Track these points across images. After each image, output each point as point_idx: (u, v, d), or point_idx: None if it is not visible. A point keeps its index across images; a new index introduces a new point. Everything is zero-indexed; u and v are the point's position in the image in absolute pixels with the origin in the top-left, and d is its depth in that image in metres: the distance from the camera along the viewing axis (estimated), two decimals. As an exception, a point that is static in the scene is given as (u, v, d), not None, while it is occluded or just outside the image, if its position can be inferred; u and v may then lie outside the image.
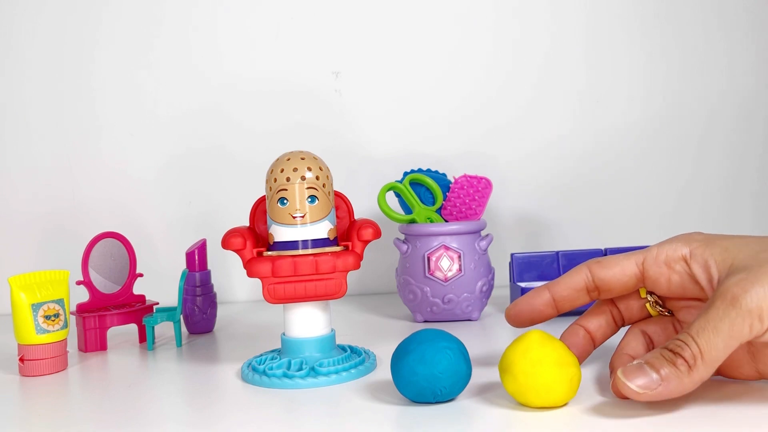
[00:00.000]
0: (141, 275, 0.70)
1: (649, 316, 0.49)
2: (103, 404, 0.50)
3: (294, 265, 0.51)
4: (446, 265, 0.69)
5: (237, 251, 0.53)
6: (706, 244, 0.45)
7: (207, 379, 0.55)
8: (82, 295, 0.67)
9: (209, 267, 0.73)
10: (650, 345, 0.48)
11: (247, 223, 0.56)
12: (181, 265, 0.73)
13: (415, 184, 0.74)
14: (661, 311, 0.48)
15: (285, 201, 0.52)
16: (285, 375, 0.51)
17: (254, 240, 0.54)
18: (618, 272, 0.47)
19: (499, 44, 0.92)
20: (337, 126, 0.91)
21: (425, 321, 0.72)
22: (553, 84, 0.92)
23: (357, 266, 0.53)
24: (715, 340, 0.39)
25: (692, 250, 0.45)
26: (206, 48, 0.90)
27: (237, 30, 0.90)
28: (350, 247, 0.54)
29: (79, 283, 0.66)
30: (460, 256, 0.69)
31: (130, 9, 0.89)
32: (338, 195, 0.56)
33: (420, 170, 0.75)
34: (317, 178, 0.52)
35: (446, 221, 0.72)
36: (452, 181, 0.74)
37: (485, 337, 0.65)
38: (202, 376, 0.56)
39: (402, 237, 0.73)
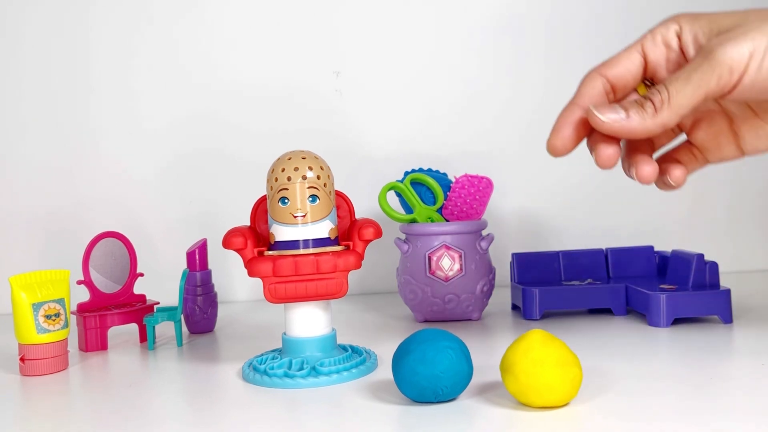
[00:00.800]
0: (142, 275, 0.70)
1: None
2: (103, 404, 0.50)
3: (295, 265, 0.51)
4: (447, 265, 0.69)
5: (238, 251, 0.53)
6: (694, 19, 0.46)
7: (208, 378, 0.55)
8: (83, 295, 0.67)
9: (210, 267, 0.73)
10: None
11: (247, 223, 0.56)
12: (182, 264, 0.73)
13: (416, 184, 0.74)
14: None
15: (286, 200, 0.52)
16: (286, 374, 0.51)
17: (255, 239, 0.54)
18: (627, 65, 0.47)
19: (501, 44, 0.92)
20: (338, 125, 0.90)
21: (426, 321, 0.72)
22: (556, 84, 0.92)
23: (358, 266, 0.53)
24: (685, 88, 0.42)
25: (682, 25, 0.46)
26: (206, 48, 0.90)
27: (237, 31, 0.90)
28: (351, 247, 0.54)
29: (79, 282, 0.66)
30: (461, 256, 0.69)
31: (130, 9, 0.89)
32: (339, 194, 0.56)
33: (421, 170, 0.75)
34: (318, 177, 0.52)
35: (447, 221, 0.72)
36: (453, 180, 0.74)
37: (486, 336, 0.65)
38: (203, 375, 0.56)
39: (403, 236, 0.73)
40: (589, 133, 0.47)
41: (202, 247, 0.72)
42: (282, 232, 0.53)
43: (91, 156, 0.89)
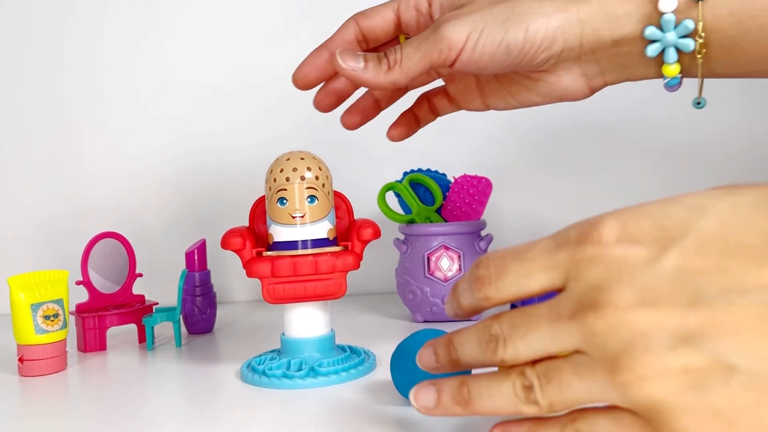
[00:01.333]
0: (140, 275, 0.70)
1: None
2: (102, 404, 0.50)
3: (293, 266, 0.51)
4: (446, 265, 0.69)
5: (236, 251, 0.53)
6: None
7: (206, 379, 0.55)
8: (82, 295, 0.67)
9: (209, 267, 0.73)
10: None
11: (246, 223, 0.56)
12: (181, 265, 0.73)
13: (415, 184, 0.74)
14: None
15: (284, 201, 0.52)
16: (284, 375, 0.51)
17: (253, 240, 0.54)
18: (380, 20, 0.52)
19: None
20: (338, 125, 0.90)
21: (425, 321, 0.72)
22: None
23: (357, 266, 0.53)
24: (414, 55, 0.46)
25: None
26: (206, 48, 0.90)
27: (237, 30, 0.90)
28: (350, 247, 0.54)
29: (78, 283, 0.66)
30: (459, 256, 0.69)
31: (131, 8, 0.89)
32: (337, 195, 0.56)
33: (420, 170, 0.75)
34: (317, 178, 0.52)
35: (446, 221, 0.72)
36: (452, 180, 0.74)
37: (485, 337, 0.65)
38: (202, 376, 0.56)
39: (402, 237, 0.73)
40: (335, 75, 0.53)
41: (201, 247, 0.72)
42: (280, 233, 0.53)
43: (90, 156, 0.89)
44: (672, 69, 0.45)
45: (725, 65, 0.45)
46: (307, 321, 0.53)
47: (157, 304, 0.71)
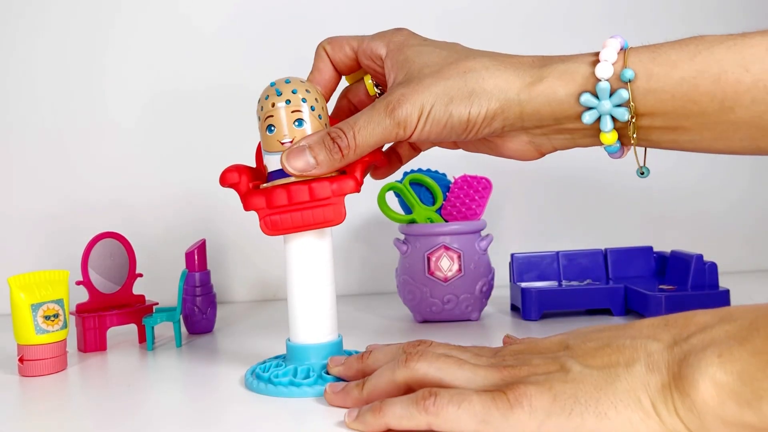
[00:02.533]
0: (140, 275, 0.70)
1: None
2: (102, 404, 0.50)
3: (288, 194, 0.49)
4: (446, 265, 0.69)
5: (232, 186, 0.51)
6: (399, 49, 0.50)
7: (207, 379, 0.55)
8: (82, 295, 0.67)
9: (209, 267, 0.73)
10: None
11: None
12: (181, 265, 0.73)
13: (415, 184, 0.74)
14: (377, 92, 0.55)
15: (272, 128, 0.50)
16: (291, 383, 0.49)
17: (251, 175, 0.52)
18: (343, 56, 0.54)
19: (500, 43, 0.92)
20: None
21: (425, 321, 0.72)
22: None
23: (357, 189, 0.49)
24: (369, 140, 0.48)
25: (388, 51, 0.51)
26: (207, 48, 0.90)
27: (237, 32, 0.90)
28: (348, 172, 0.51)
29: (78, 283, 0.66)
30: (460, 256, 0.69)
31: (130, 5, 0.89)
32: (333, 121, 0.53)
33: (420, 170, 0.75)
34: (304, 100, 0.50)
35: (446, 221, 0.72)
36: (452, 181, 0.74)
37: (485, 337, 0.65)
38: (202, 376, 0.56)
39: (402, 237, 0.73)
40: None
41: (201, 247, 0.72)
42: (273, 162, 0.50)
43: (90, 156, 0.89)
44: (608, 137, 0.47)
45: (669, 141, 0.46)
46: (314, 325, 0.51)
47: (157, 304, 0.71)
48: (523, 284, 0.72)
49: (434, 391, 0.38)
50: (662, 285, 0.69)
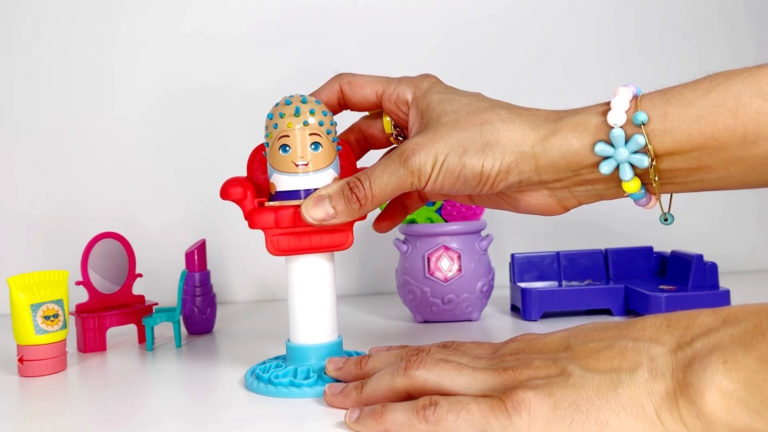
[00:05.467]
0: (140, 275, 0.70)
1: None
2: (102, 405, 0.50)
3: (298, 216, 0.49)
4: (446, 266, 0.69)
5: (237, 202, 0.51)
6: (424, 94, 0.50)
7: (207, 379, 0.55)
8: (82, 296, 0.67)
9: (208, 267, 0.73)
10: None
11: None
12: (181, 265, 0.73)
13: (415, 185, 0.73)
14: (393, 133, 0.54)
15: (287, 148, 0.49)
16: (292, 383, 0.49)
17: (254, 190, 0.51)
18: (362, 98, 0.53)
19: (499, 43, 0.92)
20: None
21: (425, 321, 0.72)
22: (556, 83, 0.92)
23: (364, 217, 0.50)
24: (385, 189, 0.48)
25: (414, 98, 0.51)
26: (206, 48, 0.90)
27: (236, 32, 0.90)
28: None
29: (78, 283, 0.66)
30: (460, 257, 0.69)
31: (131, 5, 0.89)
32: (341, 143, 0.53)
33: (420, 170, 0.74)
34: (320, 123, 0.50)
35: (446, 221, 0.72)
36: (452, 181, 0.74)
37: (485, 337, 0.64)
38: (202, 377, 0.56)
39: (402, 237, 0.73)
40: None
41: (201, 247, 0.72)
42: (283, 182, 0.50)
43: (90, 156, 0.89)
44: (631, 185, 0.45)
45: (697, 181, 0.45)
46: (314, 326, 0.51)
47: (157, 304, 0.71)
48: (524, 284, 0.72)
49: (434, 401, 0.38)
50: (662, 285, 0.69)
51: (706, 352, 0.33)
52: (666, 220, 0.49)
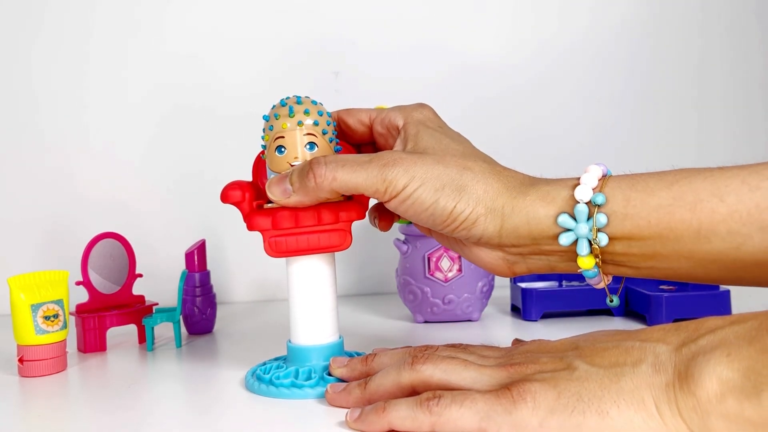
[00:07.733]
0: (140, 276, 0.70)
1: None
2: (102, 405, 0.50)
3: (295, 217, 0.49)
4: (446, 266, 0.69)
5: (235, 204, 0.51)
6: (415, 124, 0.51)
7: (207, 380, 0.55)
8: (82, 296, 0.67)
9: (209, 267, 0.73)
10: None
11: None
12: (181, 265, 0.73)
13: (416, 185, 0.73)
14: None
15: (283, 149, 0.49)
16: (293, 384, 0.49)
17: (254, 193, 0.51)
18: (356, 121, 0.54)
19: (496, 44, 0.92)
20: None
21: (425, 321, 0.72)
22: (554, 83, 0.92)
23: (362, 216, 0.50)
24: (348, 182, 0.47)
25: (405, 124, 0.51)
26: (206, 48, 0.90)
27: (235, 30, 0.90)
28: (355, 198, 0.51)
29: (78, 283, 0.66)
30: (460, 257, 0.69)
31: (127, 7, 0.89)
32: (343, 144, 0.53)
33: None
34: (316, 123, 0.50)
35: (446, 221, 0.72)
36: (452, 181, 0.74)
37: (485, 337, 0.65)
38: (203, 377, 0.56)
39: (402, 237, 0.73)
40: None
41: (201, 247, 0.72)
42: None
43: (90, 157, 0.89)
44: (585, 261, 0.45)
45: (647, 268, 0.45)
46: (315, 327, 0.51)
47: (157, 304, 0.71)
48: (524, 284, 0.72)
49: (438, 393, 0.39)
50: (663, 285, 0.69)
51: (711, 347, 0.34)
52: (611, 301, 0.50)
